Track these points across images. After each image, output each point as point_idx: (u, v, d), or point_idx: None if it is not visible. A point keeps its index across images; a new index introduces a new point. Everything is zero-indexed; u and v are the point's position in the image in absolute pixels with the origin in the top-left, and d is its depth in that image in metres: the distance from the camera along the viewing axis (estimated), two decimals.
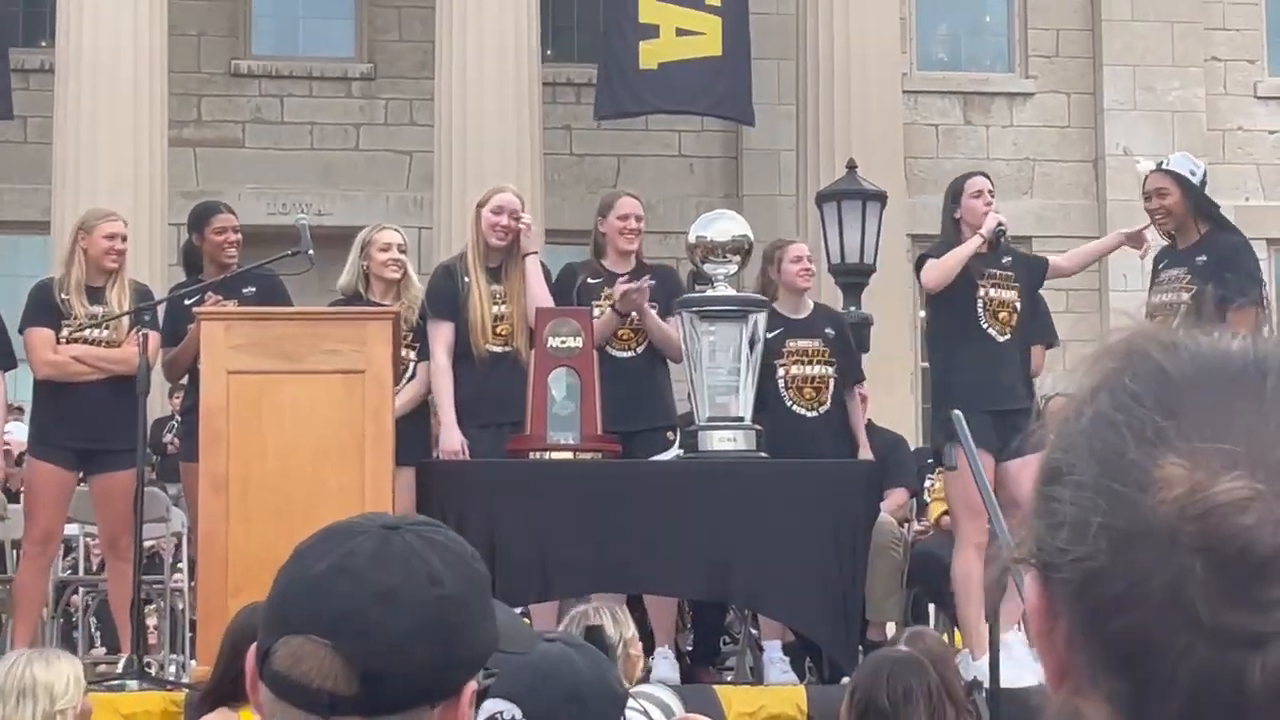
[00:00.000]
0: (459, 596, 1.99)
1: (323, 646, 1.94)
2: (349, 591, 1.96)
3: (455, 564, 2.01)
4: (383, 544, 2.00)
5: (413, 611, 1.95)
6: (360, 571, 1.97)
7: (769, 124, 20.71)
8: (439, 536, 2.04)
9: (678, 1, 19.52)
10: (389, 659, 1.95)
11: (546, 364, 7.79)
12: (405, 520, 2.07)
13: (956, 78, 23.07)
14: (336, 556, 1.99)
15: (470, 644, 2.00)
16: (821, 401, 9.11)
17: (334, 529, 2.07)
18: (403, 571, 1.97)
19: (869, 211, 15.72)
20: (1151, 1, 22.79)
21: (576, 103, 21.34)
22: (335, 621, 1.95)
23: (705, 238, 8.03)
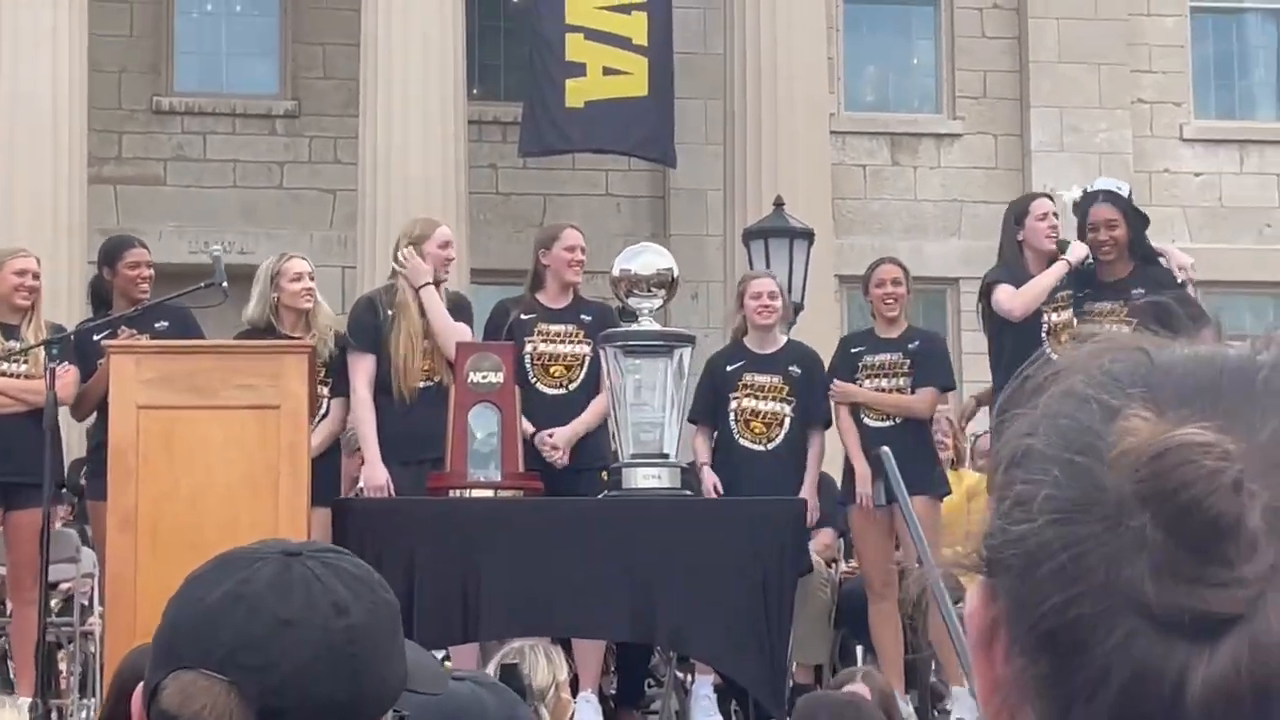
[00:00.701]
0: (366, 627, 1.83)
1: (217, 682, 1.79)
2: (245, 621, 1.80)
3: (362, 592, 1.86)
4: (283, 570, 1.85)
5: (315, 642, 1.80)
6: (258, 599, 1.81)
7: (696, 163, 20.62)
8: (344, 564, 1.89)
9: (605, 40, 19.50)
10: (290, 695, 1.79)
11: (467, 399, 7.61)
12: (308, 546, 1.92)
13: (884, 119, 23.05)
14: (232, 583, 1.84)
15: (379, 679, 1.84)
16: (772, 437, 8.97)
17: (230, 555, 1.91)
18: (304, 600, 1.82)
19: (796, 249, 15.59)
20: (1078, 44, 22.83)
21: (503, 141, 21.20)
22: (230, 654, 1.79)
23: (630, 271, 7.88)
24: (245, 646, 1.79)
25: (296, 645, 1.79)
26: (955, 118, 23.14)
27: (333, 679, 1.79)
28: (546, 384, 8.71)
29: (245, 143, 21.30)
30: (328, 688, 1.79)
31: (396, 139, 18.78)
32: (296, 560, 1.86)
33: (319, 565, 1.86)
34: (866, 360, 9.33)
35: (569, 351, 8.73)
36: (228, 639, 1.80)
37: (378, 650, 1.84)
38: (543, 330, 8.79)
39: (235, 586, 1.83)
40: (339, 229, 20.76)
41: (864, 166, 22.77)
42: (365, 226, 18.95)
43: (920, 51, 23.55)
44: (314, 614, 1.81)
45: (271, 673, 1.78)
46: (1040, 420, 0.98)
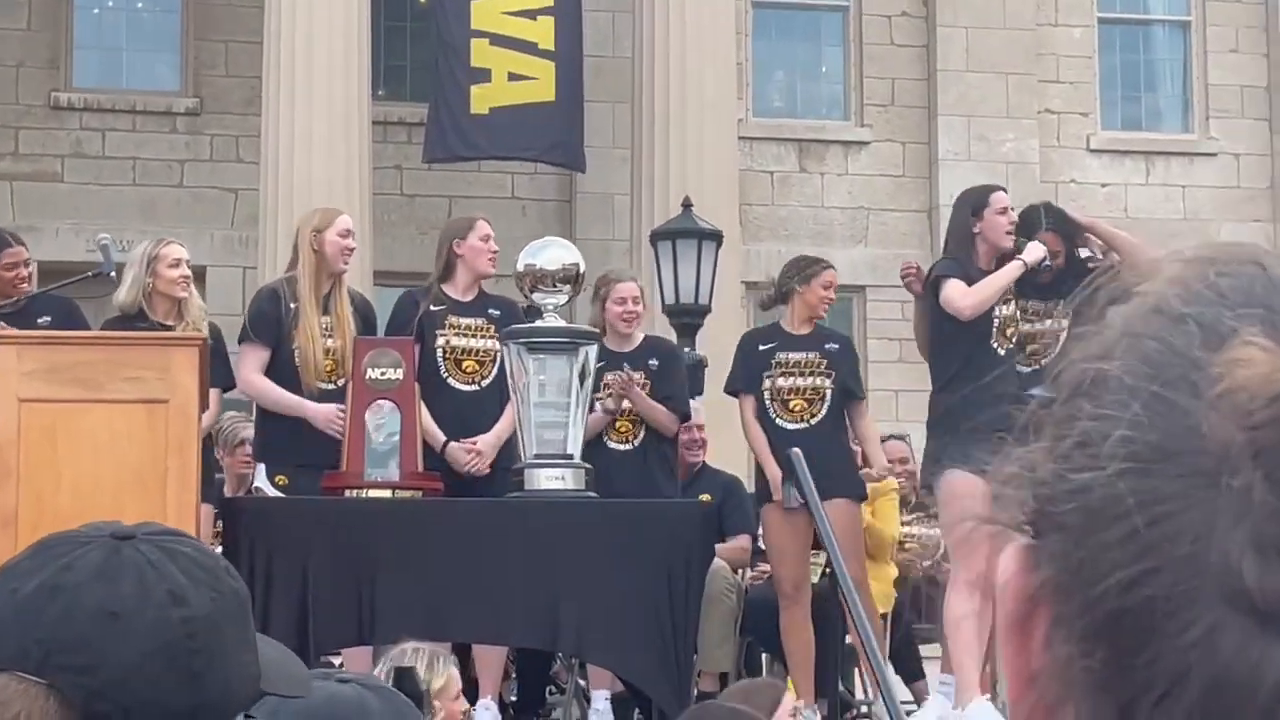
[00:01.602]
0: (208, 619, 1.61)
1: (33, 685, 1.56)
2: (65, 614, 1.57)
3: (203, 579, 1.63)
4: (110, 556, 1.62)
5: (148, 636, 1.57)
6: (80, 589, 1.58)
7: (603, 167, 20.46)
8: (183, 547, 1.66)
9: (511, 46, 19.38)
10: (118, 699, 1.56)
11: (365, 397, 7.37)
12: (142, 528, 1.68)
13: (792, 125, 22.94)
14: (51, 572, 1.60)
15: (223, 680, 1.61)
16: (635, 434, 8.77)
17: (51, 540, 1.67)
18: (135, 589, 1.59)
19: (705, 250, 15.40)
20: (986, 53, 22.81)
21: (408, 142, 20.96)
22: (48, 653, 1.57)
23: (535, 266, 7.64)
24: (65, 644, 1.57)
25: (125, 641, 1.58)
26: (863, 125, 23.07)
27: (169, 680, 1.58)
28: (459, 380, 8.46)
29: (145, 140, 20.96)
30: (163, 690, 1.58)
31: (300, 138, 18.53)
32: (127, 544, 1.63)
33: (153, 549, 1.63)
34: (780, 357, 9.14)
35: (481, 347, 8.49)
36: (45, 635, 1.58)
37: (222, 646, 1.62)
38: (453, 323, 8.54)
39: (54, 575, 1.60)
40: (240, 228, 20.46)
41: (771, 173, 22.65)
42: (267, 226, 18.68)
43: (829, 58, 23.46)
44: (146, 605, 1.59)
45: (96, 673, 1.56)
46: (1119, 340, 0.77)
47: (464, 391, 8.45)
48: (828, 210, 22.77)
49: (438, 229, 21.04)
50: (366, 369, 7.38)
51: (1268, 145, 23.54)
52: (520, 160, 20.36)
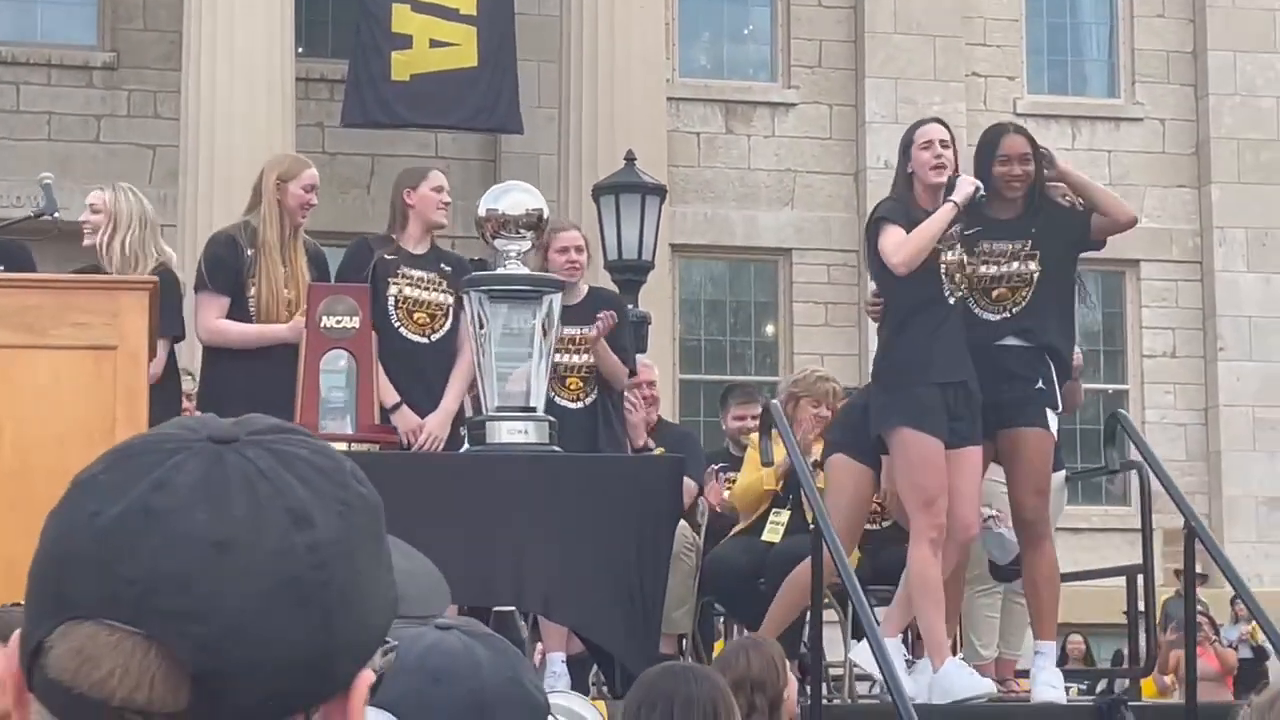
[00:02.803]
0: (339, 542, 1.28)
1: (128, 636, 1.24)
2: (164, 546, 1.25)
3: (328, 490, 1.30)
4: (212, 466, 1.28)
5: (269, 572, 1.25)
6: (179, 513, 1.26)
7: (530, 127, 20.19)
8: (299, 449, 1.32)
9: (431, 12, 19.18)
10: (235, 650, 1.24)
11: (320, 345, 7.05)
12: (244, 426, 1.34)
13: (719, 86, 22.72)
14: (140, 491, 1.27)
15: (361, 614, 1.30)
16: (588, 392, 8.46)
17: (133, 447, 1.32)
18: (248, 509, 1.26)
19: (648, 205, 15.13)
20: (913, 15, 22.64)
21: (330, 99, 20.61)
22: (145, 594, 1.24)
23: (497, 211, 7.33)
24: (167, 583, 1.24)
25: (241, 577, 1.25)
26: (790, 87, 22.87)
27: (296, 623, 1.26)
28: (411, 330, 8.17)
29: (60, 94, 20.52)
30: (290, 635, 1.26)
31: (220, 95, 18.20)
32: (231, 450, 1.30)
33: (264, 455, 1.30)
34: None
35: (432, 299, 8.20)
36: (139, 573, 1.25)
37: (356, 574, 1.29)
38: (406, 274, 8.25)
39: (145, 495, 1.27)
40: (158, 185, 19.98)
41: (698, 134, 22.42)
42: (186, 183, 18.35)
43: (756, 18, 23.23)
44: (264, 530, 1.26)
45: (206, 620, 1.24)
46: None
47: (415, 342, 8.18)
48: (754, 172, 22.56)
49: (360, 188, 20.84)
50: (321, 316, 7.08)
51: (1193, 110, 23.49)
52: (441, 129, 20.15)
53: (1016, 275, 8.00)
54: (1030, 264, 8.01)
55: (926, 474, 7.66)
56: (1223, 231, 23.12)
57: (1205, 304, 23.16)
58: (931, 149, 7.95)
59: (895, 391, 7.84)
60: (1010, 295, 8.02)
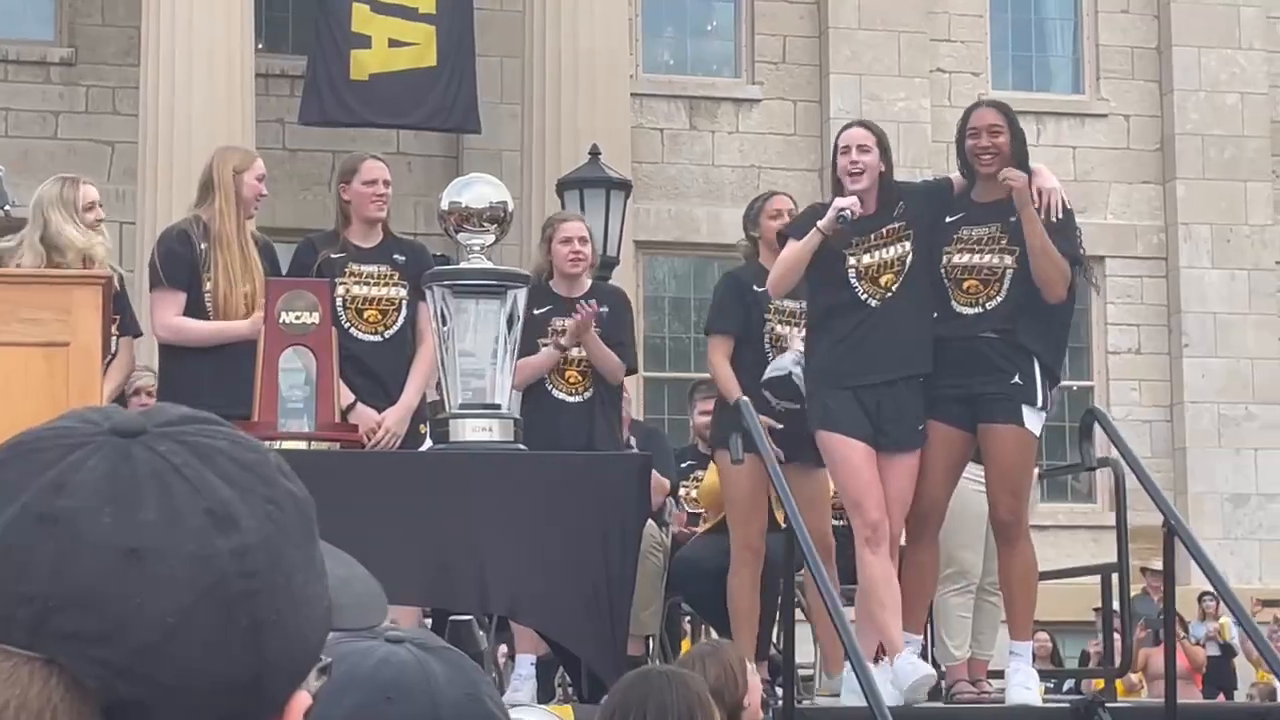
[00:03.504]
0: (268, 546, 1.13)
1: (24, 662, 1.08)
2: (64, 555, 1.08)
3: (252, 486, 1.15)
4: (119, 462, 1.12)
5: (188, 582, 1.09)
6: (81, 516, 1.10)
7: (492, 123, 20.04)
8: (220, 441, 1.16)
9: (390, 12, 19.10)
10: (152, 674, 1.07)
11: (279, 342, 6.89)
12: (151, 418, 1.17)
13: (683, 81, 22.60)
14: (35, 493, 1.11)
15: (293, 629, 1.14)
16: (586, 386, 8.31)
17: (23, 442, 1.16)
18: (162, 510, 1.10)
19: (613, 200, 14.98)
20: (878, 11, 22.54)
21: (290, 95, 20.42)
22: (46, 615, 1.08)
23: (460, 204, 7.17)
24: (69, 599, 1.08)
25: (156, 589, 1.08)
26: (754, 83, 22.75)
27: (221, 639, 1.09)
28: (362, 329, 8.00)
29: (17, 91, 20.30)
30: (214, 655, 1.09)
31: (180, 91, 18.01)
32: (138, 443, 1.14)
33: (177, 449, 1.13)
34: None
35: (383, 295, 8.04)
36: (37, 589, 1.08)
37: (288, 580, 1.14)
38: (354, 271, 8.07)
39: (41, 498, 1.11)
40: (117, 182, 19.81)
41: (661, 130, 22.29)
42: (146, 181, 18.15)
43: (719, 14, 23.11)
44: (181, 534, 1.10)
45: (117, 641, 1.07)
46: None
47: (367, 341, 8.01)
48: (718, 169, 22.44)
49: (321, 184, 20.65)
50: (280, 312, 6.91)
51: (1157, 106, 23.42)
52: (400, 128, 20.02)
53: (988, 268, 7.78)
54: (1006, 258, 7.79)
55: (847, 476, 7.53)
56: (1187, 228, 23.07)
57: (1170, 300, 23.10)
58: (848, 155, 7.83)
59: (813, 396, 7.75)
60: (983, 289, 7.81)
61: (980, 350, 7.75)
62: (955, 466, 7.89)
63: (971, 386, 7.72)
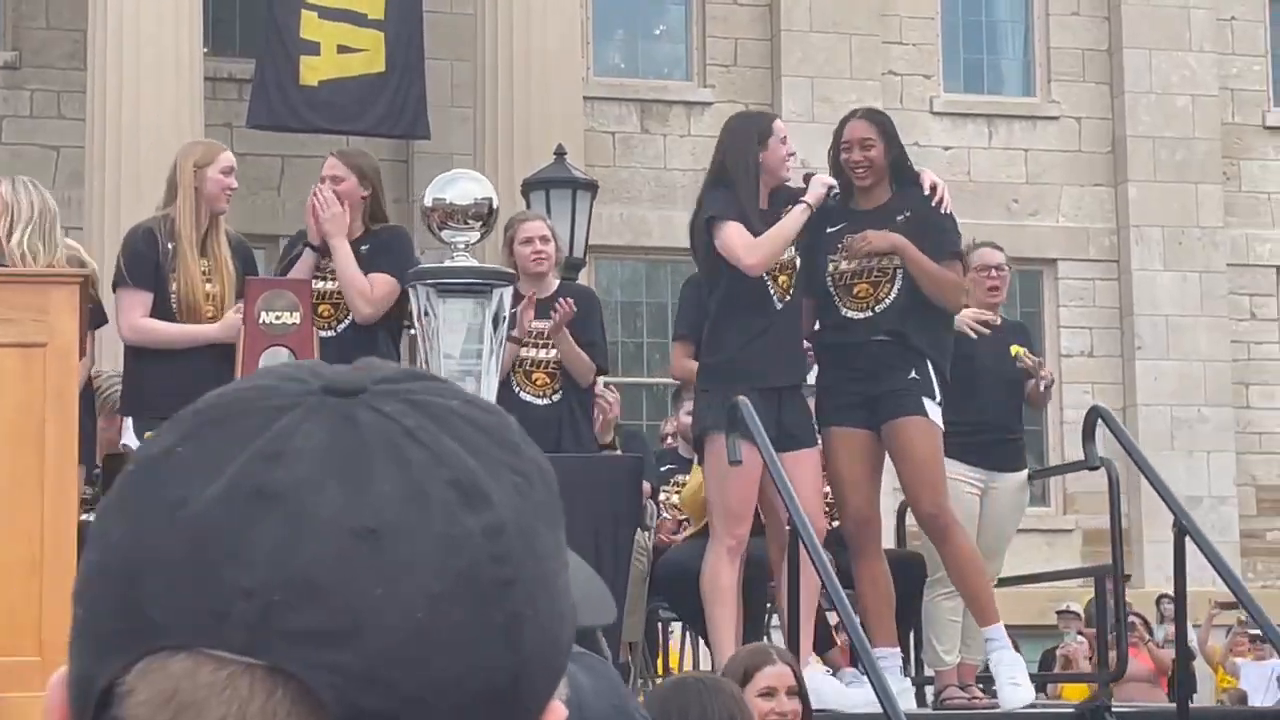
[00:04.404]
0: (521, 526, 0.93)
1: (243, 671, 0.87)
2: (290, 538, 0.88)
3: (499, 456, 0.94)
4: (341, 427, 0.92)
5: (436, 568, 0.89)
6: (307, 492, 0.89)
7: (442, 127, 19.84)
8: (451, 400, 0.96)
9: (339, 18, 18.95)
10: (396, 681, 0.87)
11: (259, 342, 6.69)
12: (370, 374, 0.96)
13: (634, 84, 22.45)
14: (246, 464, 0.90)
15: (549, 624, 0.94)
16: (555, 389, 8.13)
17: (220, 406, 0.95)
18: (401, 483, 0.90)
19: (579, 201, 14.81)
20: (829, 13, 22.44)
21: (238, 99, 20.17)
22: (268, 613, 0.87)
23: (444, 201, 6.98)
24: (296, 591, 0.87)
25: (400, 578, 0.87)
26: (706, 85, 22.62)
27: (477, 637, 0.89)
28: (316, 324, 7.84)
29: None
30: (469, 656, 0.88)
31: (128, 94, 17.76)
32: (358, 404, 0.93)
33: (405, 409, 0.92)
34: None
35: (333, 289, 7.86)
36: (257, 580, 0.87)
37: (544, 569, 0.94)
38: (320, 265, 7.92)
39: (253, 470, 0.89)
40: (63, 187, 19.44)
41: (613, 133, 22.14)
42: (93, 186, 17.89)
43: (670, 16, 22.97)
44: (425, 511, 0.90)
45: (356, 640, 0.86)
46: None
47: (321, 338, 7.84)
48: (670, 172, 22.29)
49: (270, 189, 20.43)
50: (260, 312, 6.72)
51: (1109, 108, 23.41)
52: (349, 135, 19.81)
53: (878, 269, 7.72)
54: (894, 258, 7.72)
55: (734, 482, 7.34)
56: (1139, 230, 23.05)
57: (1122, 303, 23.08)
58: (788, 144, 7.80)
59: (712, 396, 7.55)
60: (872, 291, 7.74)
61: (874, 353, 7.70)
62: (875, 470, 7.82)
63: (870, 389, 7.66)
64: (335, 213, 7.89)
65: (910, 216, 7.70)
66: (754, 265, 7.46)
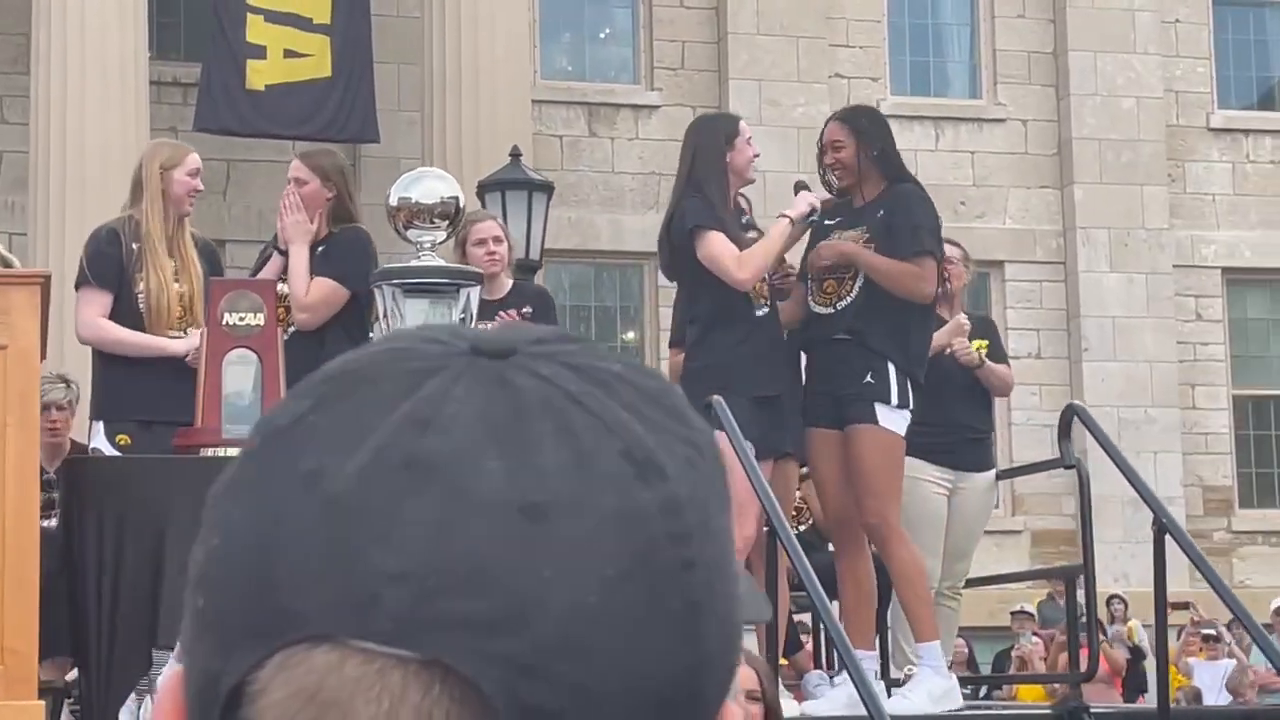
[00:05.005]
0: (696, 501, 0.83)
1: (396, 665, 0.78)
2: (446, 514, 0.78)
3: (669, 425, 0.85)
4: (496, 390, 0.82)
5: (612, 548, 0.79)
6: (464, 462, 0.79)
7: (390, 131, 19.74)
8: (613, 364, 0.86)
9: (285, 22, 18.87)
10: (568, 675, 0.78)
11: (222, 344, 6.59)
12: (521, 335, 0.86)
13: (582, 88, 22.38)
14: (392, 430, 0.80)
15: (725, 613, 0.83)
16: None
17: (354, 369, 0.85)
18: (568, 453, 0.81)
19: (535, 202, 14.73)
20: (776, 16, 22.43)
21: (183, 104, 20.03)
22: (423, 595, 0.78)
23: (410, 200, 6.89)
24: (459, 575, 0.77)
25: (571, 559, 0.78)
26: (653, 89, 22.57)
27: (657, 626, 0.79)
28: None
29: None
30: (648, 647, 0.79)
31: (72, 99, 17.60)
32: (511, 366, 0.83)
33: (565, 372, 0.83)
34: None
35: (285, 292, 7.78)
36: (410, 561, 0.77)
37: (721, 551, 0.84)
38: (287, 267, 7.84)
39: (401, 437, 0.79)
40: (7, 193, 19.41)
41: (560, 137, 22.07)
42: (37, 191, 17.72)
43: (617, 20, 22.91)
44: (597, 484, 0.80)
45: (524, 628, 0.77)
46: None
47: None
48: (618, 175, 22.24)
49: (216, 194, 20.26)
50: (223, 313, 6.61)
51: (1055, 111, 23.46)
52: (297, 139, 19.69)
53: (843, 267, 7.73)
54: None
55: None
56: (1086, 232, 23.10)
57: (1069, 305, 23.13)
58: (753, 146, 7.82)
59: (696, 401, 7.48)
60: (837, 289, 7.76)
61: (838, 352, 7.68)
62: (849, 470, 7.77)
63: (833, 389, 7.64)
64: (297, 219, 7.81)
65: (883, 215, 7.70)
66: (745, 280, 7.48)
